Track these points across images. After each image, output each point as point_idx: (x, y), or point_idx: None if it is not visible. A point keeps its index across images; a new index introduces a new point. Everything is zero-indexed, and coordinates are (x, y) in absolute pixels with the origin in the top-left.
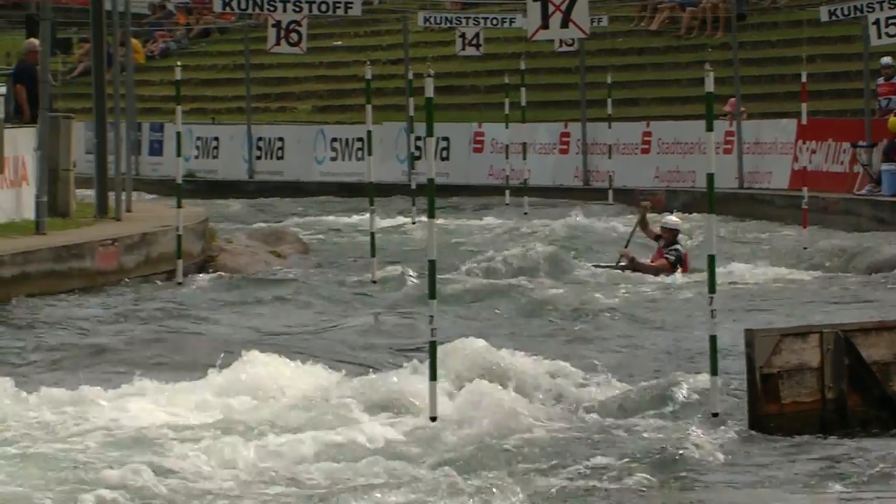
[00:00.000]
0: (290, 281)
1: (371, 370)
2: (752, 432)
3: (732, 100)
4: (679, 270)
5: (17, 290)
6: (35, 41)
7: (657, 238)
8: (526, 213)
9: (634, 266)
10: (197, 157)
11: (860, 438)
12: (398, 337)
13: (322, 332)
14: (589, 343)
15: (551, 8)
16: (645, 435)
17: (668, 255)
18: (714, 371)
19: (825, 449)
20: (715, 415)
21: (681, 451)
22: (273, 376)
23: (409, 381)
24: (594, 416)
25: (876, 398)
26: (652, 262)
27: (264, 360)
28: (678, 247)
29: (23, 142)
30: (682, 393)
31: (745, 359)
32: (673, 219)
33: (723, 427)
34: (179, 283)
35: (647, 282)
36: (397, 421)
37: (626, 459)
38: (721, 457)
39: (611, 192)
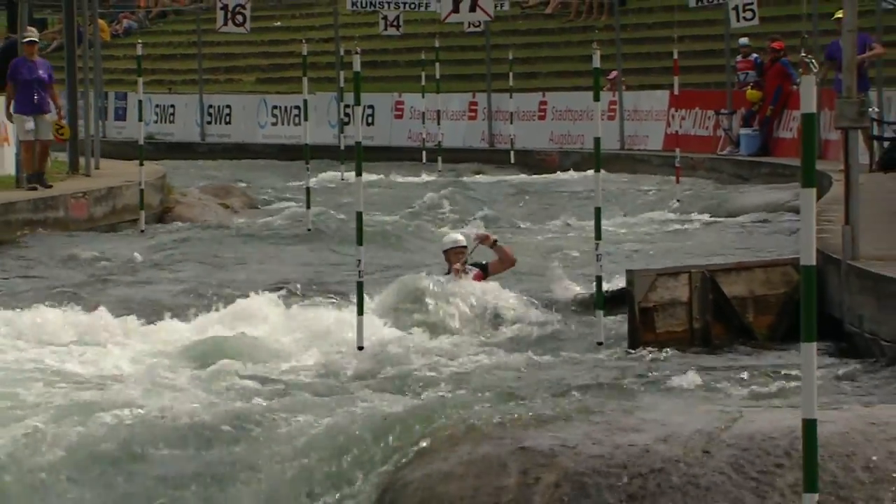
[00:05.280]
0: (235, 229)
1: (308, 305)
2: (631, 356)
3: (614, 73)
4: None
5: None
6: (32, 30)
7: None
8: (439, 171)
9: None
10: (156, 122)
11: (721, 359)
12: (332, 277)
13: (264, 273)
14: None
15: None
16: (541, 362)
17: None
18: (599, 306)
19: (691, 367)
20: (600, 343)
21: (573, 374)
22: (218, 314)
23: (341, 314)
24: (500, 347)
25: (736, 328)
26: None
27: (212, 301)
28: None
29: (2, 108)
30: (573, 327)
31: (626, 295)
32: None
33: (607, 353)
34: (142, 231)
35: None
36: (328, 349)
37: (525, 382)
38: (605, 374)
39: (512, 153)
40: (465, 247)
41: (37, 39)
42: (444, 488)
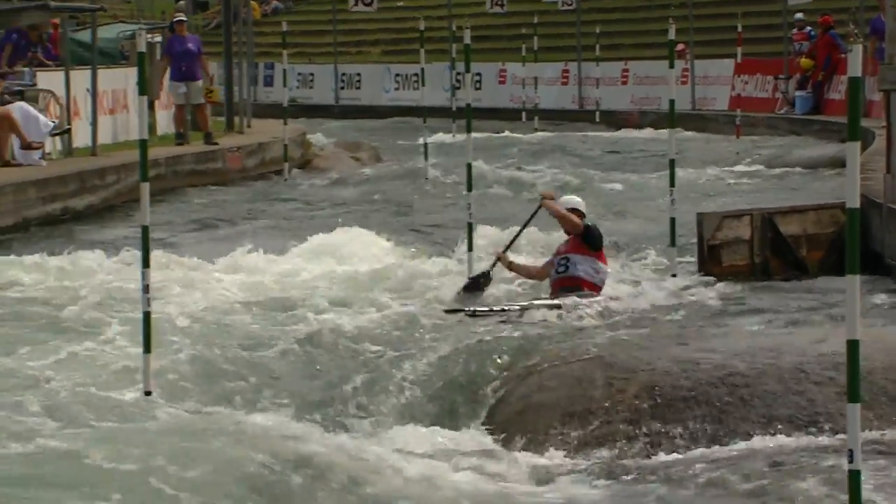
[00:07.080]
0: (364, 178)
1: (425, 242)
2: (701, 287)
3: (681, 45)
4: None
5: (170, 183)
6: (181, 13)
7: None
8: (536, 129)
9: (511, 269)
10: (298, 88)
11: (778, 288)
12: (446, 217)
13: (388, 213)
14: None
15: None
16: (622, 291)
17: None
18: (673, 243)
19: (753, 295)
20: (673, 275)
21: (651, 301)
22: (338, 250)
23: (453, 251)
24: None
25: (790, 262)
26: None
27: (336, 238)
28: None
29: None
30: (651, 261)
31: (696, 235)
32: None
33: (680, 283)
34: (286, 180)
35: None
36: (443, 281)
37: (608, 307)
38: (679, 302)
39: (598, 114)
40: (578, 210)
41: (185, 19)
42: (540, 398)
